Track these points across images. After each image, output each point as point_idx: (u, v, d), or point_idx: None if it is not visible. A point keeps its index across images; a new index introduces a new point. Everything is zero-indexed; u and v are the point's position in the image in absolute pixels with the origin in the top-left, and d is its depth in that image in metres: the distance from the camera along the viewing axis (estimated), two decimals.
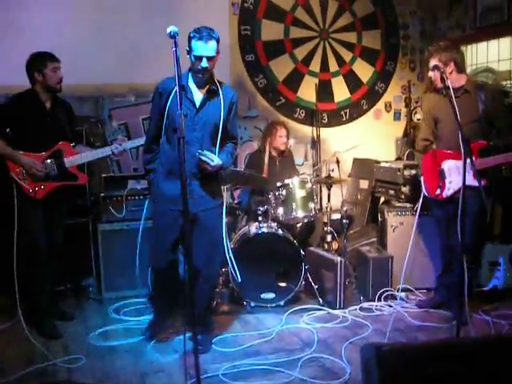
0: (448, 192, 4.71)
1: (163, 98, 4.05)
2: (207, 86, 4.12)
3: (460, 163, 4.50)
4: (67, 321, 4.97)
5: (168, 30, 3.22)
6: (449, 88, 3.95)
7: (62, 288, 5.49)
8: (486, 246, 5.26)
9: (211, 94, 4.13)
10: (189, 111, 4.05)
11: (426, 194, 4.79)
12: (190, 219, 3.50)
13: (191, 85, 4.11)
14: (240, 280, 4.89)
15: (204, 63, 3.94)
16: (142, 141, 4.82)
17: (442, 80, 4.14)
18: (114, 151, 4.77)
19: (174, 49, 3.14)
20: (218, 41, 3.97)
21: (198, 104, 4.10)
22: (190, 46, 3.96)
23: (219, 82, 4.17)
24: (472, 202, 4.25)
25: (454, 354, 2.72)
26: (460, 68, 4.62)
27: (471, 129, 4.39)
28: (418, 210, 4.75)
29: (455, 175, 4.61)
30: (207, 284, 4.35)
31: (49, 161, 4.58)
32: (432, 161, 4.77)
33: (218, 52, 3.99)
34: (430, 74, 4.64)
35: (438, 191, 4.74)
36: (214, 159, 4.06)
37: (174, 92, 3.91)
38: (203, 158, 4.03)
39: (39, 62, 4.56)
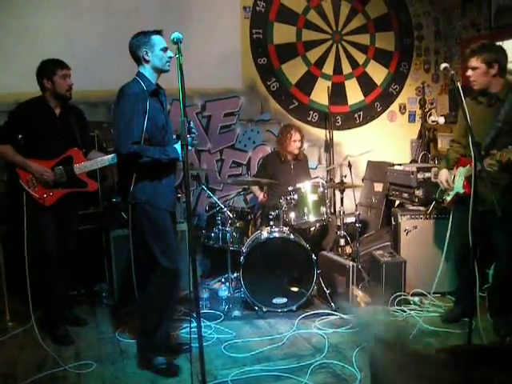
0: (448, 198, 4.69)
1: (142, 104, 3.89)
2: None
3: (464, 169, 4.47)
4: (80, 326, 4.99)
5: (171, 37, 3.20)
6: (458, 91, 3.83)
7: (75, 293, 5.52)
8: None
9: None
10: (165, 117, 4.10)
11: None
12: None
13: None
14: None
15: (170, 52, 3.97)
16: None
17: (452, 82, 4.04)
18: None
19: (178, 56, 3.12)
20: None
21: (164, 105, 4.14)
22: (149, 45, 3.95)
23: None
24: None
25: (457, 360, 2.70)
26: (504, 71, 4.35)
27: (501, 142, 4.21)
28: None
29: (457, 181, 4.56)
30: None
31: (58, 168, 4.59)
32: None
33: None
34: (470, 73, 4.36)
35: (446, 197, 4.72)
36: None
37: (148, 99, 3.90)
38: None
39: (49, 69, 4.57)
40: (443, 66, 4.01)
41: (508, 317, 4.51)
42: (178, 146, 3.93)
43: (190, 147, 4.07)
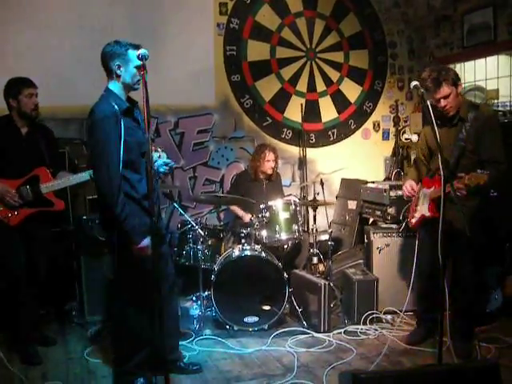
0: (413, 220, 4.68)
1: (114, 126, 3.70)
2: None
3: (428, 191, 4.46)
4: (49, 346, 4.89)
5: (137, 53, 3.15)
6: (428, 109, 3.82)
7: (44, 312, 5.40)
8: None
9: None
10: (140, 130, 3.86)
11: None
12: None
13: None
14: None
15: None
16: None
17: (422, 100, 4.02)
18: (92, 176, 4.69)
19: (143, 72, 3.08)
20: None
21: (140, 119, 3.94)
22: (124, 59, 3.77)
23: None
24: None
25: (429, 382, 2.68)
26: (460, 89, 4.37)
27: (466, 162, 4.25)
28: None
29: (422, 204, 4.54)
30: None
31: (25, 187, 4.51)
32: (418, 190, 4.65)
33: None
34: (443, 103, 4.25)
35: (411, 219, 4.72)
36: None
37: (121, 120, 3.71)
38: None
39: (14, 88, 4.53)
40: (413, 83, 3.99)
41: (467, 340, 4.50)
42: (147, 240, 3.74)
43: (161, 173, 4.05)
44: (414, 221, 4.68)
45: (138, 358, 3.98)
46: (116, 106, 3.73)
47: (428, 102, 3.91)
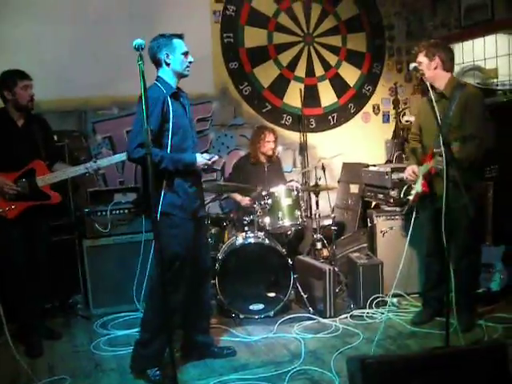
0: (410, 197, 4.73)
1: (160, 107, 3.87)
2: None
3: (421, 168, 4.50)
4: (54, 339, 4.90)
5: (133, 43, 3.16)
6: (429, 90, 3.85)
7: (49, 306, 5.40)
8: None
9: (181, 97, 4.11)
10: (187, 119, 4.08)
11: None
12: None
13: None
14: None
15: (191, 57, 4.03)
16: (116, 158, 4.87)
17: (422, 81, 4.04)
18: (88, 170, 4.67)
19: (140, 62, 3.07)
20: None
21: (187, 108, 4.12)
22: (171, 47, 3.95)
23: None
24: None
25: (437, 365, 2.67)
26: (446, 66, 4.48)
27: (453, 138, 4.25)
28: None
29: (417, 181, 4.62)
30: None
31: (22, 180, 4.51)
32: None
33: None
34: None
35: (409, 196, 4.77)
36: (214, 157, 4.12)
37: (170, 100, 3.90)
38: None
39: (9, 80, 4.51)
40: (412, 65, 4.03)
41: (468, 312, 4.58)
42: (198, 156, 3.98)
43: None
44: (411, 198, 4.71)
45: (158, 345, 4.00)
46: (164, 90, 3.92)
47: (428, 82, 3.95)
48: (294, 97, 7.25)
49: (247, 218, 5.42)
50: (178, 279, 3.97)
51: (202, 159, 3.98)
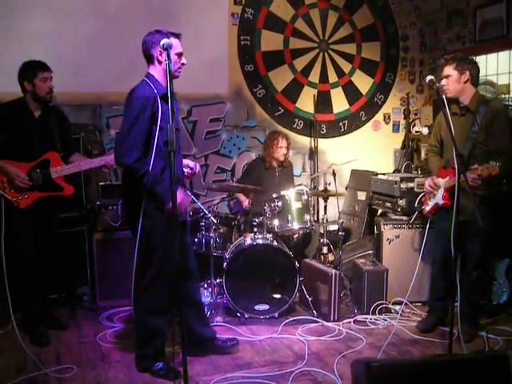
0: (427, 208, 4.81)
1: (150, 108, 3.80)
2: None
3: (443, 181, 4.56)
4: (61, 330, 4.95)
5: (161, 43, 3.22)
6: (443, 101, 3.92)
7: (56, 296, 5.45)
8: None
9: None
10: (174, 121, 3.88)
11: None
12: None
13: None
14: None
15: (184, 59, 3.96)
16: None
17: (437, 94, 4.09)
18: (100, 163, 4.72)
19: (167, 61, 3.13)
20: None
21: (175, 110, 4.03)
22: (164, 47, 3.67)
23: None
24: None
25: (442, 370, 2.73)
26: (474, 81, 4.57)
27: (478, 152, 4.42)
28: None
29: (436, 194, 4.68)
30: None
31: (35, 171, 4.56)
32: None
33: None
34: (443, 82, 4.54)
35: (425, 207, 4.83)
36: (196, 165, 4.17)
37: (160, 101, 3.81)
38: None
39: (29, 71, 4.55)
40: (429, 78, 4.07)
41: (471, 324, 4.68)
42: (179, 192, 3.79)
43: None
44: (427, 208, 4.79)
45: (157, 343, 4.08)
46: (155, 89, 3.83)
47: (444, 96, 4.00)
48: (306, 102, 7.32)
49: (257, 219, 5.49)
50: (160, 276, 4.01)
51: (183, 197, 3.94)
